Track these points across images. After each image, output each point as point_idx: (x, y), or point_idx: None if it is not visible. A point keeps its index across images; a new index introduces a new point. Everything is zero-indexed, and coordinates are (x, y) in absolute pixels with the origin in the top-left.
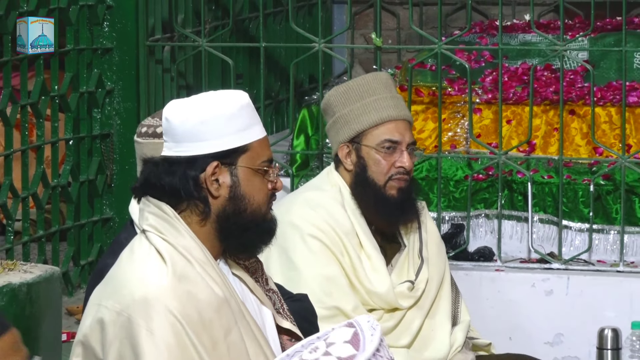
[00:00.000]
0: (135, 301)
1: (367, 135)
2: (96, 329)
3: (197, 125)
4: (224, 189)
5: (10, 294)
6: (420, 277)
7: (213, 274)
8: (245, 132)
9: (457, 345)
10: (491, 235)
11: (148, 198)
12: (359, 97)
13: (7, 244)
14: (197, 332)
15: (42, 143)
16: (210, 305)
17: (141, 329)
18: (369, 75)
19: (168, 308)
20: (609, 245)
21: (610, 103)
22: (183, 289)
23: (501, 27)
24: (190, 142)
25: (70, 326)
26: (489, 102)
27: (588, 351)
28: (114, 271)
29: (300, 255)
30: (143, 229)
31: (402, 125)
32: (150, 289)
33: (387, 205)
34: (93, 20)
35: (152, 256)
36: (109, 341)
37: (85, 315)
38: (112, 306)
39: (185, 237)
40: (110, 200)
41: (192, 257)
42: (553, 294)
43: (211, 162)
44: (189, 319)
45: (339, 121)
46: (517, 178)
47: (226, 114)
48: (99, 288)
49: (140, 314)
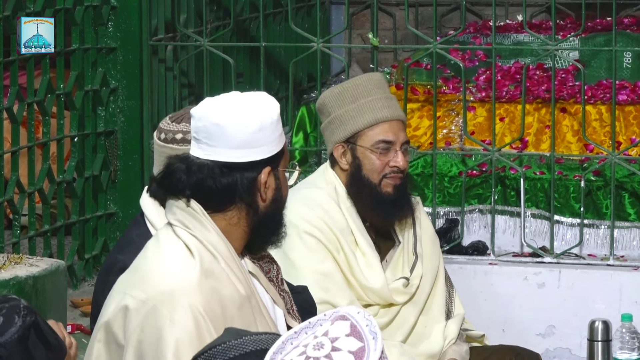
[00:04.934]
0: (162, 292)
1: (362, 136)
2: (119, 315)
3: (255, 133)
4: (270, 192)
5: (16, 286)
6: (414, 273)
7: (236, 271)
8: (283, 135)
9: (451, 337)
10: (485, 230)
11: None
12: (354, 98)
13: (14, 238)
14: (218, 328)
15: (48, 140)
16: (232, 302)
17: (165, 319)
18: (363, 76)
19: (193, 302)
20: (599, 240)
21: (600, 101)
22: (209, 284)
23: (494, 28)
24: (248, 149)
25: (75, 318)
26: (483, 101)
27: (579, 343)
28: (140, 262)
29: (297, 252)
30: (170, 223)
31: (395, 126)
32: (178, 282)
33: (382, 203)
34: (98, 20)
35: (180, 249)
36: (132, 328)
37: (109, 302)
38: (138, 295)
39: (212, 232)
40: (114, 196)
41: (217, 253)
42: (545, 287)
43: (265, 167)
44: (212, 314)
45: (334, 122)
46: (510, 174)
47: (274, 120)
48: (124, 277)
49: (166, 305)
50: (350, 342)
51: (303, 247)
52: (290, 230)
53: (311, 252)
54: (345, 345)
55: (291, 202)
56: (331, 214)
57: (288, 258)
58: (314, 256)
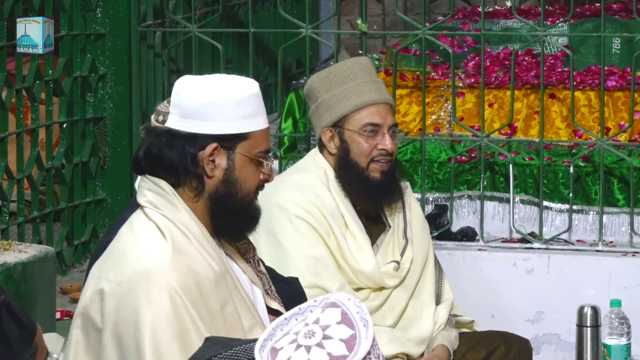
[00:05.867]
0: (137, 273)
1: (349, 120)
2: (96, 300)
3: (205, 105)
4: (219, 171)
5: (5, 273)
6: (405, 257)
7: (209, 249)
8: (249, 120)
9: (441, 322)
10: (474, 216)
11: (146, 176)
12: (340, 82)
13: (3, 224)
14: (195, 305)
15: (36, 126)
16: (207, 278)
17: (141, 300)
18: (350, 60)
19: (169, 281)
20: (588, 225)
21: (589, 87)
22: (183, 262)
23: (483, 13)
24: (196, 120)
25: (64, 304)
26: (472, 86)
27: (568, 328)
28: (114, 246)
29: (287, 236)
30: (141, 205)
31: (383, 109)
32: (152, 263)
33: (370, 187)
34: (86, 6)
35: (152, 231)
36: (108, 311)
37: (86, 288)
38: (113, 278)
39: (182, 212)
40: (103, 182)
41: (189, 232)
42: (534, 273)
43: (211, 143)
44: (188, 292)
45: (322, 106)
46: (499, 160)
47: (235, 99)
48: (99, 262)
49: (141, 286)
50: (341, 330)
51: (294, 231)
52: (281, 214)
53: (302, 236)
54: (337, 333)
55: (282, 187)
56: (322, 198)
57: (279, 242)
58: (305, 240)
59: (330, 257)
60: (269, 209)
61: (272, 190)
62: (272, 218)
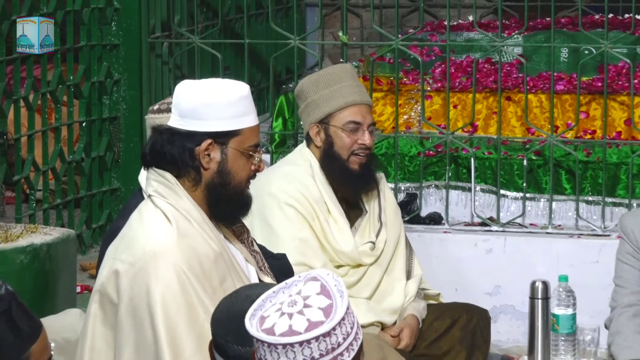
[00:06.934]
0: (146, 254)
1: (334, 117)
2: (112, 278)
3: (200, 106)
4: (214, 163)
5: (32, 252)
6: (379, 238)
7: (209, 232)
8: (240, 118)
9: (411, 295)
10: (440, 203)
11: (153, 168)
12: (328, 84)
13: (30, 210)
14: (198, 280)
15: (59, 125)
16: (208, 257)
17: (151, 277)
18: (336, 66)
19: (174, 260)
20: (539, 211)
21: (540, 91)
22: (186, 243)
23: (449, 27)
24: (192, 119)
25: (83, 280)
26: (439, 90)
27: (522, 300)
28: (126, 230)
29: (278, 221)
30: (149, 194)
31: (364, 109)
32: (159, 245)
33: (350, 177)
34: (103, 20)
35: (159, 217)
36: (123, 288)
37: (102, 268)
38: (126, 259)
39: (185, 200)
40: (118, 173)
41: (191, 217)
42: (492, 252)
43: (206, 139)
44: (191, 269)
45: (311, 105)
46: (462, 154)
47: (226, 101)
48: (113, 245)
49: (151, 265)
50: (320, 300)
51: (283, 216)
52: (272, 202)
53: (290, 221)
54: (316, 302)
55: (273, 177)
56: (308, 187)
57: (270, 226)
58: (293, 225)
59: (314, 239)
60: (261, 197)
61: (264, 180)
62: (264, 205)
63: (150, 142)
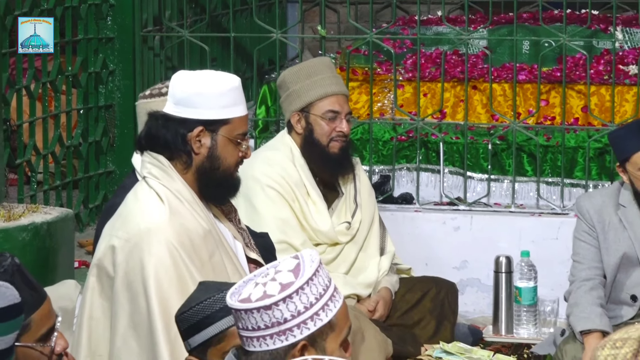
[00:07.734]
0: (141, 230)
1: (314, 106)
2: (108, 253)
3: (193, 95)
4: (204, 149)
5: (34, 230)
6: (355, 218)
7: (199, 211)
8: (231, 108)
9: (384, 270)
10: (411, 184)
11: (149, 152)
12: (308, 75)
13: (32, 191)
14: (189, 255)
15: (58, 112)
16: (197, 234)
17: (145, 252)
18: (316, 59)
19: (166, 236)
20: (503, 191)
21: (504, 80)
22: (177, 221)
23: (419, 21)
24: (185, 107)
25: (81, 256)
26: (410, 80)
27: (487, 274)
28: (122, 209)
29: (260, 202)
30: (144, 176)
31: (341, 99)
32: (153, 222)
33: (328, 161)
34: (99, 15)
35: (153, 197)
36: (119, 262)
37: (100, 243)
38: (122, 235)
39: (177, 182)
40: (113, 157)
41: (182, 197)
42: (460, 230)
43: (198, 126)
44: (182, 245)
45: (292, 94)
46: (432, 139)
47: (218, 91)
48: (110, 222)
49: (144, 241)
50: (288, 263)
51: (265, 198)
52: (255, 185)
53: (272, 202)
54: (285, 266)
55: (256, 162)
56: (288, 171)
57: (253, 207)
58: (275, 205)
59: (294, 218)
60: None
61: (247, 165)
62: (247, 187)
63: (146, 127)
